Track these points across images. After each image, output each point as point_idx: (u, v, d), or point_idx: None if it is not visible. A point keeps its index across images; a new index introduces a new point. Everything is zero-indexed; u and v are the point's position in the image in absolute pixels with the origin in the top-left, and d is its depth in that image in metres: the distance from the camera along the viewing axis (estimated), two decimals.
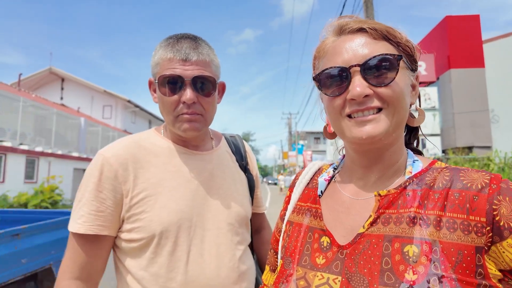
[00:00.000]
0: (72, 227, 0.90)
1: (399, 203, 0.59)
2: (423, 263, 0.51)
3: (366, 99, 0.59)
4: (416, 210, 0.56)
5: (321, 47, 0.67)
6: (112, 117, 25.07)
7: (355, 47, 0.61)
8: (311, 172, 0.80)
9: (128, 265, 0.94)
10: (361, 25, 0.62)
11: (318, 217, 0.68)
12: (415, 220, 0.55)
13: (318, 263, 0.62)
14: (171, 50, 0.93)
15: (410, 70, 0.64)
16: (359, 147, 0.64)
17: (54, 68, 24.36)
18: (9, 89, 15.55)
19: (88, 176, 0.93)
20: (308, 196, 0.75)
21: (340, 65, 0.61)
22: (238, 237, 1.03)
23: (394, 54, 0.59)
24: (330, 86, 0.62)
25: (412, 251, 0.53)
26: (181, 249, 0.93)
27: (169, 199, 0.94)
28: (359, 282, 0.55)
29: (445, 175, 0.59)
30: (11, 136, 12.91)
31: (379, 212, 0.60)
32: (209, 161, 1.06)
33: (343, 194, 0.68)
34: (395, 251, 0.54)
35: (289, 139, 43.72)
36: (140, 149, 0.99)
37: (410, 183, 0.61)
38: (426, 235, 0.53)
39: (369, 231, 0.59)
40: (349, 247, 0.59)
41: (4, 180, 12.74)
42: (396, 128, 0.61)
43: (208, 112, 0.99)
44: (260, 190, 1.25)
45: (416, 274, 0.51)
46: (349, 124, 0.61)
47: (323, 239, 0.64)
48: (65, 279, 0.89)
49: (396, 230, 0.56)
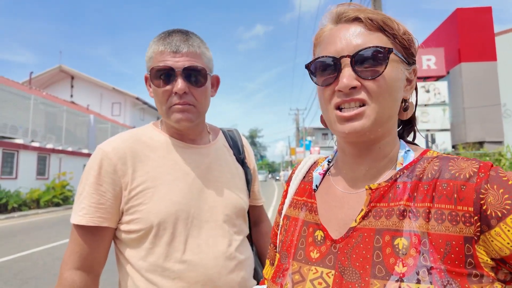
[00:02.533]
0: (74, 219, 0.93)
1: (390, 196, 0.59)
2: (412, 255, 0.52)
3: (353, 90, 0.58)
4: (405, 203, 0.56)
5: (319, 35, 0.67)
6: (121, 114, 25.35)
7: (348, 37, 0.60)
8: (307, 165, 0.80)
9: (128, 255, 0.96)
10: (357, 14, 0.61)
11: (313, 212, 0.69)
12: (404, 213, 0.55)
13: (312, 257, 0.62)
14: (162, 43, 0.96)
15: (406, 63, 0.62)
16: (346, 139, 0.64)
17: (64, 66, 24.71)
18: (21, 87, 15.85)
19: (88, 170, 0.96)
20: (304, 190, 0.76)
21: (332, 54, 0.60)
22: (235, 228, 1.05)
23: (384, 47, 0.58)
24: (321, 75, 0.62)
25: (402, 244, 0.53)
26: (179, 240, 0.95)
27: (167, 192, 0.96)
28: (352, 276, 0.55)
29: (435, 165, 0.58)
30: (23, 133, 13.18)
31: (371, 206, 0.60)
32: (206, 155, 1.07)
33: (336, 188, 0.69)
34: (386, 244, 0.54)
35: (296, 135, 43.59)
36: (138, 143, 1.01)
37: (400, 175, 0.60)
38: (415, 228, 0.53)
39: (361, 225, 0.59)
40: (342, 241, 0.60)
41: (17, 177, 13.03)
42: (382, 123, 0.60)
43: (200, 103, 1.00)
44: (258, 183, 1.26)
45: (405, 267, 0.51)
46: (336, 117, 0.61)
47: (317, 233, 0.65)
48: (68, 269, 0.92)
49: (387, 224, 0.56)
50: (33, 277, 4.73)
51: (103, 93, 25.27)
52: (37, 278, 4.67)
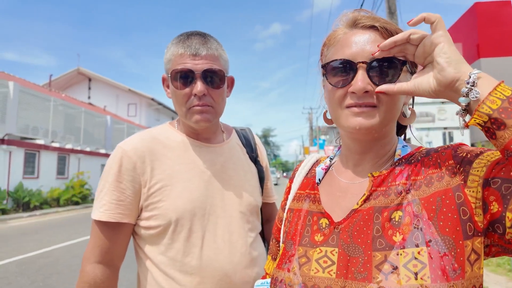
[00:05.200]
0: (95, 215, 0.98)
1: (389, 180, 0.65)
2: (407, 223, 0.57)
3: (366, 94, 0.63)
4: (402, 182, 0.63)
5: (332, 36, 0.70)
6: (136, 115, 25.82)
7: (364, 43, 0.64)
8: (310, 163, 0.86)
9: (147, 250, 1.00)
10: (374, 23, 0.65)
11: (317, 202, 0.73)
12: (401, 192, 0.62)
13: (317, 241, 0.66)
14: (182, 46, 0.99)
15: (410, 73, 0.67)
16: (353, 135, 0.69)
17: (82, 68, 25.35)
18: (41, 90, 16.36)
19: (108, 167, 1.00)
20: (308, 184, 0.80)
21: (348, 58, 0.64)
22: (249, 224, 1.08)
23: (399, 59, 0.62)
24: (335, 76, 0.66)
25: (398, 216, 0.59)
26: (196, 236, 0.98)
27: (184, 189, 1.00)
28: (355, 251, 0.60)
29: (423, 151, 0.67)
30: (44, 134, 13.61)
31: (372, 190, 0.65)
32: (220, 154, 1.11)
33: (340, 180, 0.74)
34: (384, 219, 0.60)
35: (310, 134, 43.28)
36: (156, 142, 1.05)
37: (398, 164, 0.67)
38: (409, 199, 0.60)
39: (362, 207, 0.64)
40: (344, 222, 0.65)
41: (38, 176, 13.48)
42: (387, 124, 0.66)
43: (218, 104, 1.04)
44: (270, 181, 1.29)
45: (402, 235, 0.57)
46: (346, 113, 0.65)
47: (321, 221, 0.69)
48: (90, 263, 0.97)
49: (385, 202, 0.62)
50: (55, 272, 4.91)
51: (119, 94, 25.79)
52: (58, 274, 4.84)
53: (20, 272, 4.93)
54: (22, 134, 12.43)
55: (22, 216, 11.03)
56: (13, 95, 11.95)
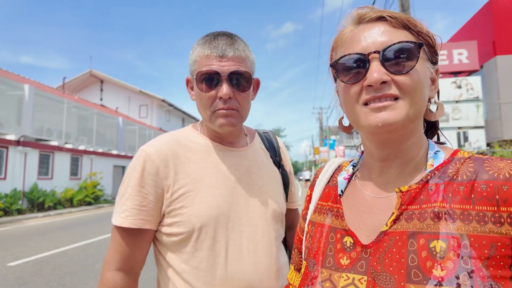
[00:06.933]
0: (116, 221, 0.95)
1: (422, 198, 0.57)
2: (452, 258, 0.50)
3: (383, 85, 0.56)
4: (440, 204, 0.55)
5: (338, 38, 0.66)
6: (148, 116, 26.10)
7: (374, 35, 0.59)
8: (331, 169, 0.78)
9: (169, 258, 0.97)
10: (381, 14, 0.61)
11: (340, 217, 0.67)
12: (440, 215, 0.54)
13: (342, 264, 0.60)
14: (208, 47, 0.95)
15: (431, 62, 0.62)
16: (376, 136, 0.61)
17: (94, 71, 25.79)
18: (55, 92, 16.69)
19: (131, 171, 0.97)
20: (329, 195, 0.74)
21: (358, 51, 0.59)
22: (274, 233, 1.03)
23: (415, 42, 0.57)
24: (347, 73, 0.60)
25: (439, 247, 0.51)
26: (220, 244, 0.94)
27: (208, 195, 0.96)
28: (386, 281, 0.54)
29: (469, 166, 0.57)
30: (57, 135, 13.87)
31: (402, 209, 0.58)
32: (245, 158, 1.06)
33: (364, 193, 0.66)
34: (421, 248, 0.53)
35: (320, 134, 43.00)
36: (180, 146, 1.01)
37: (432, 177, 0.59)
38: (453, 230, 0.52)
39: (392, 229, 0.57)
40: (373, 246, 0.58)
41: (52, 177, 13.74)
42: (414, 119, 0.58)
43: (244, 108, 0.99)
44: (294, 186, 1.24)
45: (444, 270, 0.50)
46: (365, 111, 0.58)
47: (345, 239, 0.63)
48: (109, 270, 0.94)
49: (420, 226, 0.55)
50: (69, 272, 4.96)
51: (131, 95, 26.12)
52: (72, 274, 4.89)
53: (35, 271, 4.99)
54: (37, 136, 12.68)
55: (37, 216, 11.24)
56: (29, 98, 12.20)
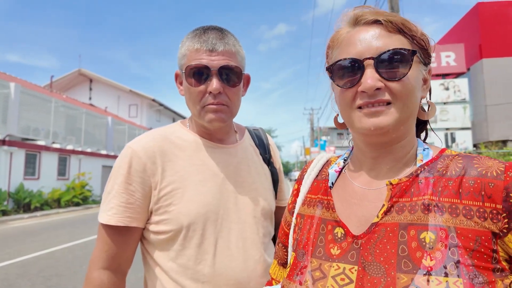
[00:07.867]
0: (102, 219, 0.93)
1: (412, 191, 0.59)
2: (440, 249, 0.53)
3: (377, 92, 0.59)
4: (430, 197, 0.57)
5: (335, 37, 0.67)
6: (137, 116, 25.82)
7: (369, 39, 0.61)
8: (320, 164, 0.80)
9: (157, 256, 0.95)
10: (377, 17, 0.62)
11: (331, 209, 0.68)
12: (429, 207, 0.56)
13: (333, 254, 0.62)
14: (198, 41, 0.93)
15: (423, 64, 0.64)
16: (368, 138, 0.63)
17: (83, 69, 25.38)
18: (43, 91, 16.34)
19: (117, 168, 0.95)
20: (318, 188, 0.75)
21: (353, 56, 0.61)
22: (263, 230, 1.03)
23: (408, 49, 0.59)
24: (342, 77, 0.63)
25: (429, 238, 0.54)
26: (208, 242, 0.93)
27: (196, 192, 0.95)
28: (376, 270, 0.55)
29: (458, 162, 0.60)
30: (45, 135, 13.59)
31: (392, 201, 0.60)
32: (234, 155, 1.05)
33: (354, 185, 0.68)
34: (411, 238, 0.55)
35: (311, 134, 43.26)
36: (167, 142, 0.99)
37: (422, 171, 0.61)
38: (442, 222, 0.54)
39: (383, 220, 0.59)
40: (364, 236, 0.60)
41: (39, 177, 13.44)
42: (405, 122, 0.61)
43: (234, 103, 0.98)
44: (283, 183, 1.24)
45: (433, 260, 0.52)
46: (359, 115, 0.61)
47: (336, 230, 0.64)
48: (96, 269, 0.92)
49: (411, 218, 0.57)
50: (56, 274, 4.86)
51: (121, 95, 25.79)
52: (59, 276, 4.79)
53: (21, 274, 4.88)
54: (23, 135, 12.41)
55: (23, 217, 10.99)
56: (14, 96, 11.93)
